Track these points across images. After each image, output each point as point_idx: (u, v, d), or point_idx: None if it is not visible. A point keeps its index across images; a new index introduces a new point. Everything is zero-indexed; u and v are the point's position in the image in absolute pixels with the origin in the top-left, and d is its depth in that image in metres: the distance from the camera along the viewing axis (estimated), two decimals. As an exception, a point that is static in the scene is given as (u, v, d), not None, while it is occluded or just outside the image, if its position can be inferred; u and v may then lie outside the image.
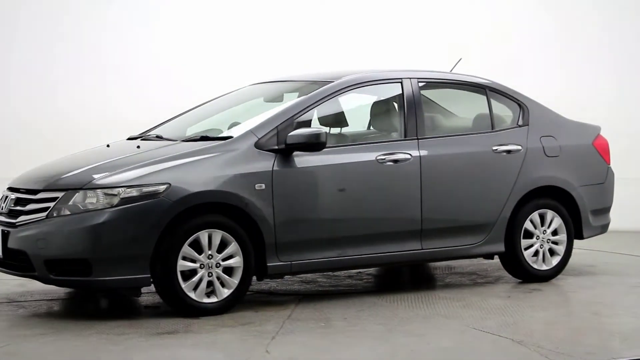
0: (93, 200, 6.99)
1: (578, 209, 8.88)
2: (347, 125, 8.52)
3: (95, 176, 7.14)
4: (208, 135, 7.81)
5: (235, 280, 7.29)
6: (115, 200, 6.96)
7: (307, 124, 7.83)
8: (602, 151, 9.06)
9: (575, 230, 8.92)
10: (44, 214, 7.07)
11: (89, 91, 11.83)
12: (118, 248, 6.95)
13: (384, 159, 7.85)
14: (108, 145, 7.96)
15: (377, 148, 7.98)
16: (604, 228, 9.15)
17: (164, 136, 8.03)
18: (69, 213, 6.99)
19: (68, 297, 8.04)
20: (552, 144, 8.69)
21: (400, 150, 7.98)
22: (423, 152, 8.05)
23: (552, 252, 8.76)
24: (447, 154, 8.19)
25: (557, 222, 8.70)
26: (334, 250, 7.71)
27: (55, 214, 7.03)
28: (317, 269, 7.91)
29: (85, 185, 7.05)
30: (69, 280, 7.09)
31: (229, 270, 7.31)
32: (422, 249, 8.09)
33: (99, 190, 7.03)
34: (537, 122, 8.73)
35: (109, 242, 6.94)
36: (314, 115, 8.27)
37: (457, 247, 8.28)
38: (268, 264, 7.42)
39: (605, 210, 9.15)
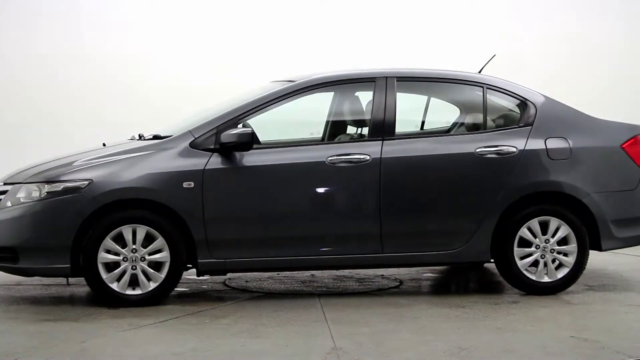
0: (35, 194, 7.31)
1: (593, 217, 7.81)
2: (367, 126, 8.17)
3: (37, 172, 7.44)
4: (160, 134, 7.80)
5: (161, 275, 7.31)
6: (43, 195, 7.23)
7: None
8: (634, 155, 7.94)
9: (594, 241, 7.87)
10: (-3, 205, 7.52)
11: (106, 90, 12.10)
12: (39, 238, 7.26)
13: (336, 159, 7.45)
14: (104, 144, 8.20)
15: (332, 149, 7.60)
16: (633, 240, 8.02)
17: (144, 135, 8.15)
18: (10, 205, 7.37)
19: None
20: (561, 145, 7.80)
21: (359, 151, 7.54)
22: (386, 154, 7.54)
23: (560, 264, 7.78)
24: (416, 155, 7.64)
25: (565, 230, 7.80)
26: (276, 250, 7.47)
27: (6, 206, 7.42)
28: (256, 267, 7.76)
29: (26, 180, 7.40)
30: (2, 267, 7.45)
31: (159, 265, 7.29)
32: (384, 253, 7.59)
33: (34, 185, 7.34)
34: (545, 122, 7.88)
35: (32, 232, 7.28)
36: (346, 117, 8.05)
37: (429, 253, 7.71)
38: (199, 261, 7.38)
39: (637, 220, 7.98)
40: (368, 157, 7.53)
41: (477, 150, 7.68)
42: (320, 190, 7.53)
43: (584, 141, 7.89)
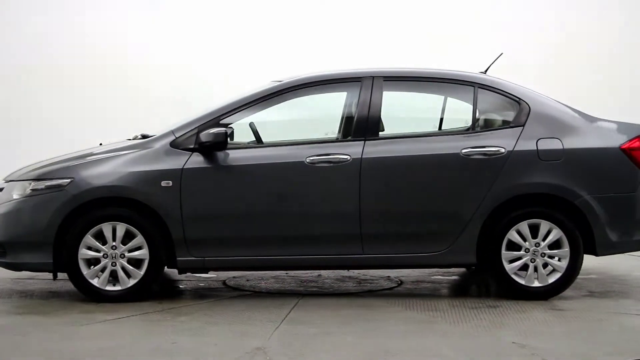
0: (24, 192, 7.48)
1: (587, 221, 7.47)
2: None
3: (27, 171, 7.62)
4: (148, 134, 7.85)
5: (140, 272, 7.36)
6: (28, 192, 7.40)
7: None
8: (634, 156, 7.54)
9: (589, 245, 7.53)
10: (-6, 202, 7.74)
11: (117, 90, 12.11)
12: (23, 234, 7.42)
13: (316, 159, 7.36)
14: (101, 144, 8.32)
15: (313, 148, 7.49)
16: (631, 245, 7.61)
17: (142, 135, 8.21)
18: (3, 201, 7.58)
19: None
20: (553, 146, 7.47)
21: (339, 151, 7.42)
22: (367, 154, 7.39)
23: (553, 268, 7.49)
24: (397, 156, 7.43)
25: (556, 234, 7.45)
26: (255, 249, 7.42)
27: (1, 203, 7.65)
28: (235, 266, 7.71)
29: (18, 178, 7.59)
30: (-4, 261, 7.67)
31: (139, 262, 7.36)
32: (364, 254, 7.44)
33: (23, 183, 7.51)
34: (538, 122, 7.56)
35: (16, 228, 7.44)
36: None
37: (411, 255, 7.48)
38: (178, 258, 7.40)
39: (636, 225, 7.58)
40: (348, 158, 7.38)
41: (463, 150, 7.42)
42: (299, 190, 7.41)
43: (579, 142, 7.52)
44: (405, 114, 8.17)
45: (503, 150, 7.41)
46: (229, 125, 7.84)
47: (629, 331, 6.43)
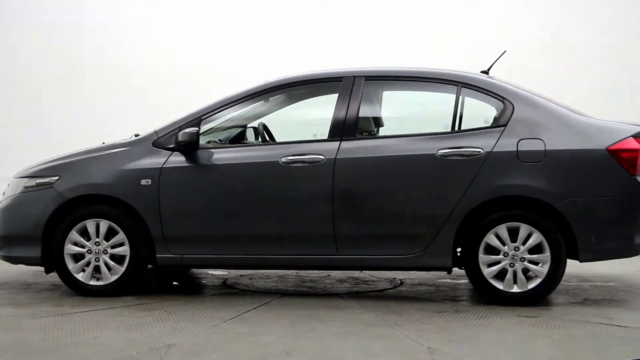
0: (21, 188, 7.79)
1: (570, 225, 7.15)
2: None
3: (25, 169, 7.92)
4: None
5: (121, 267, 7.53)
6: (21, 189, 7.72)
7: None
8: (623, 158, 7.14)
9: (573, 251, 7.21)
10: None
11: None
12: (15, 229, 7.70)
13: (291, 159, 7.35)
14: (103, 143, 8.52)
15: (289, 148, 7.46)
16: (616, 252, 7.21)
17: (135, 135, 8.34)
18: (6, 198, 7.93)
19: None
20: (534, 147, 7.15)
21: (314, 151, 7.37)
22: (342, 154, 7.31)
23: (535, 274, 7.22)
24: (372, 156, 7.30)
25: (536, 238, 7.13)
26: (230, 247, 7.45)
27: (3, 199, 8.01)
28: (213, 264, 7.70)
29: (17, 176, 7.92)
30: (-4, 255, 7.99)
31: (122, 258, 7.54)
32: (338, 255, 7.35)
33: (20, 180, 7.82)
34: (521, 122, 7.25)
35: (10, 223, 7.73)
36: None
37: (385, 257, 7.33)
38: (157, 255, 7.52)
39: (624, 230, 7.18)
40: (322, 158, 7.28)
41: (440, 151, 7.19)
42: (274, 189, 7.36)
43: (562, 143, 7.14)
44: (385, 114, 7.92)
45: (481, 151, 7.13)
46: (248, 126, 7.91)
47: (573, 341, 6.04)
